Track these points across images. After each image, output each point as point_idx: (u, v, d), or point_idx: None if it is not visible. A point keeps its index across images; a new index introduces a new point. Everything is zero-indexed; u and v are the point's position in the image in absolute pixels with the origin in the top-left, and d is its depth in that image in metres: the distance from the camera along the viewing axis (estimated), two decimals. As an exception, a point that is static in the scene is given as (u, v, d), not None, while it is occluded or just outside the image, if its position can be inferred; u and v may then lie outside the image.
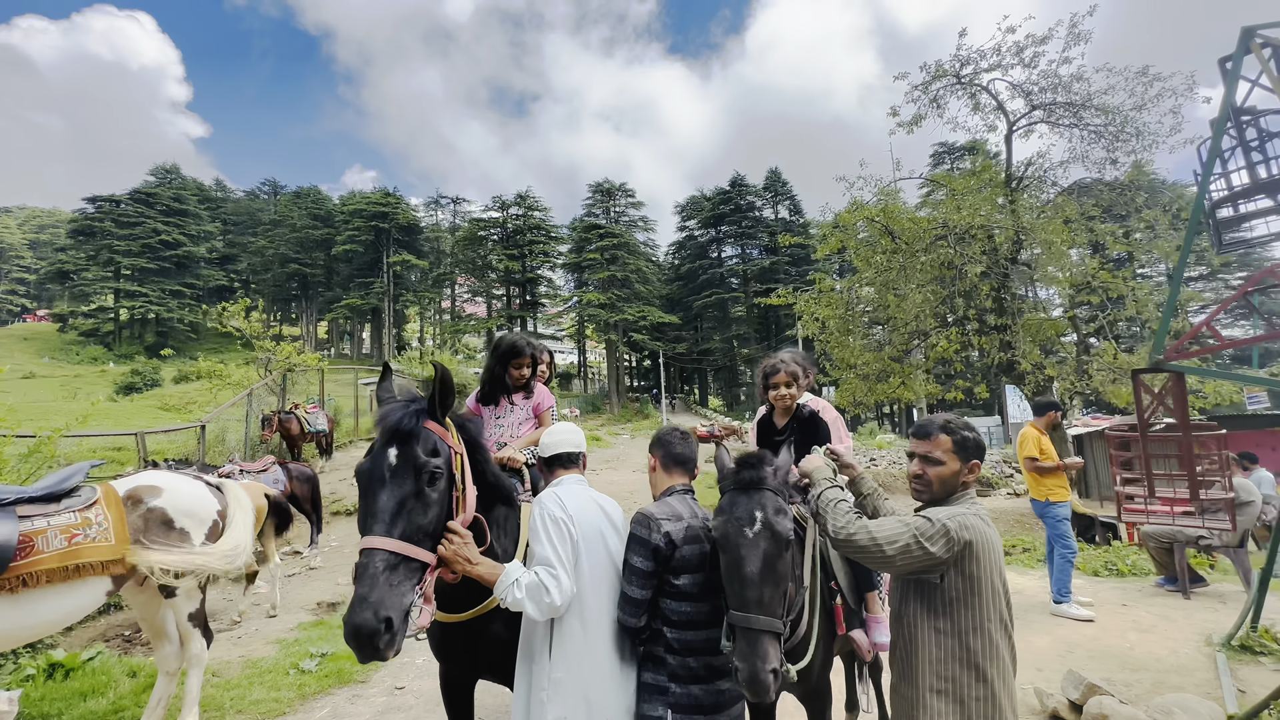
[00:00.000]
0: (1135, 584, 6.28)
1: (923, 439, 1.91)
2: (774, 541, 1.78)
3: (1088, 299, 13.33)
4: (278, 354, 16.28)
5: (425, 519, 1.74)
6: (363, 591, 1.56)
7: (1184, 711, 3.33)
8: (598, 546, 1.97)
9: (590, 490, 2.13)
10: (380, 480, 1.73)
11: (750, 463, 1.94)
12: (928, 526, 1.70)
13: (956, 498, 1.86)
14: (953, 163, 41.27)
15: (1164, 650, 4.44)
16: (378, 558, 1.61)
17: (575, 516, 1.94)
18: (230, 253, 61.90)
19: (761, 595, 1.73)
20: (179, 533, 3.44)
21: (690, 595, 1.92)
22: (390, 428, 1.80)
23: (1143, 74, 11.88)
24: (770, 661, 1.66)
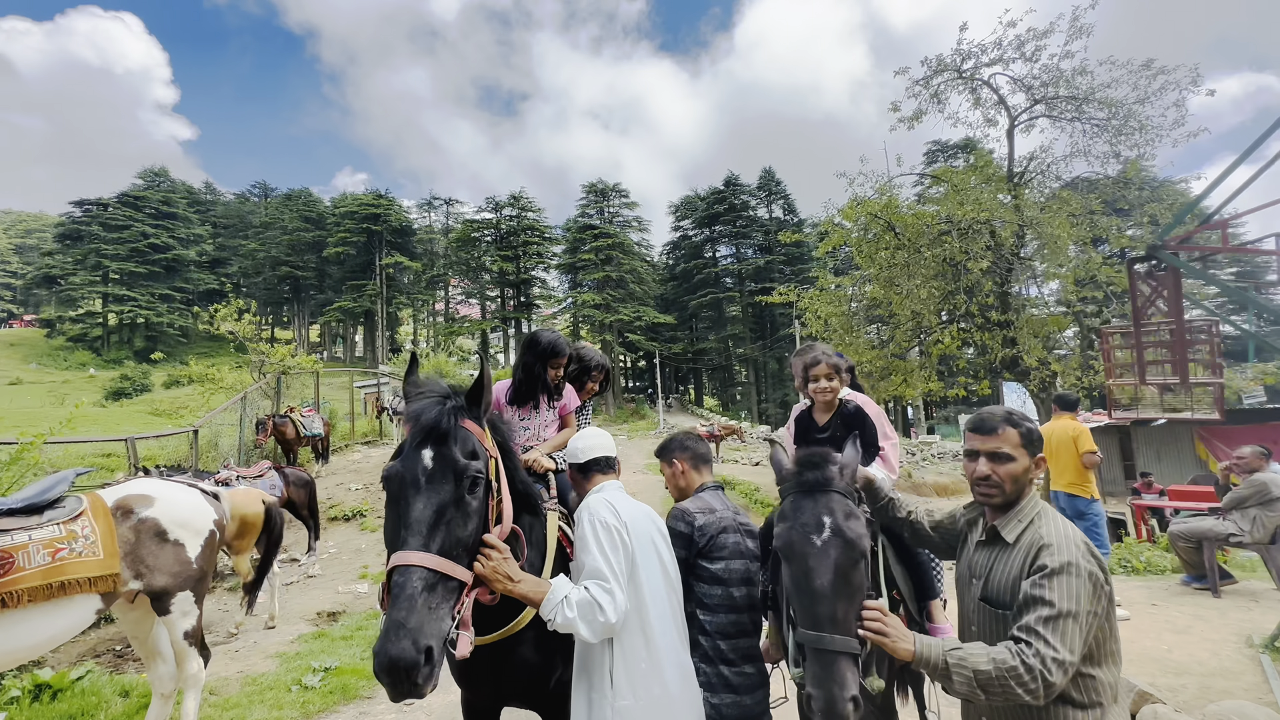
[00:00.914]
0: (1159, 582, 6.14)
1: (988, 434, 1.67)
2: (846, 550, 1.59)
3: (1091, 293, 13.26)
4: (272, 357, 15.97)
5: (465, 531, 1.53)
6: (399, 616, 1.34)
7: (1242, 719, 3.17)
8: (652, 557, 1.85)
9: (632, 497, 1.99)
10: (415, 485, 1.51)
11: (813, 462, 1.74)
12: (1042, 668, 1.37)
13: (1025, 498, 1.66)
14: (946, 160, 41.29)
15: (1204, 653, 4.29)
16: (415, 576, 1.39)
17: (629, 524, 1.81)
18: (221, 256, 61.25)
19: (835, 611, 1.53)
20: (173, 545, 3.22)
21: (722, 580, 1.99)
22: (426, 426, 1.58)
23: (1146, 67, 11.81)
24: (849, 687, 1.46)
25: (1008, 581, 1.57)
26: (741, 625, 2.01)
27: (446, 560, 1.46)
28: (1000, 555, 1.63)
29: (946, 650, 1.46)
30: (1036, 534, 1.55)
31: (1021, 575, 1.52)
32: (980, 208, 12.27)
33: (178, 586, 3.21)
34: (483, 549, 1.60)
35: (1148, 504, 9.90)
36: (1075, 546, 1.48)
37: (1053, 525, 1.56)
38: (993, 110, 13.73)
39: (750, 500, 14.97)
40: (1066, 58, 12.44)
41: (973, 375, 15.65)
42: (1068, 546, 1.48)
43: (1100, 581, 1.45)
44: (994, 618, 1.59)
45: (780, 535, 1.68)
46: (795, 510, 1.68)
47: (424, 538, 1.45)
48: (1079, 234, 12.65)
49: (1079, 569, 1.43)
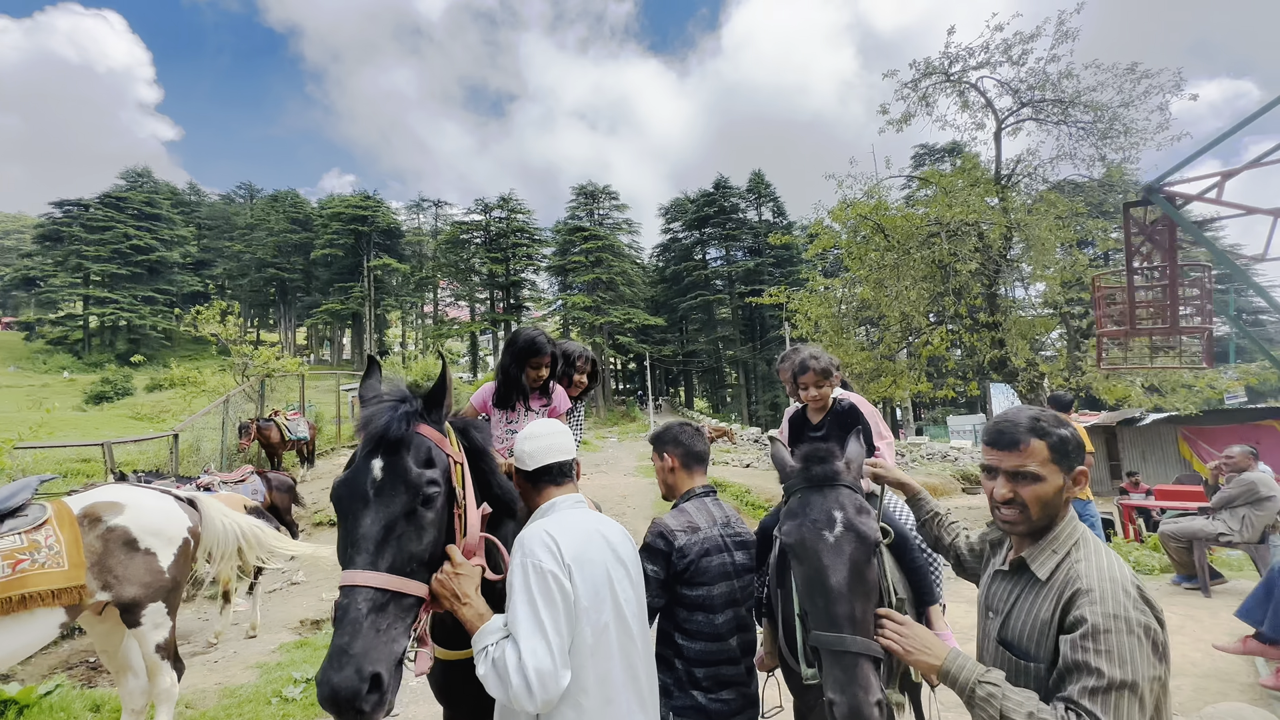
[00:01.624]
0: (1150, 582, 6.14)
1: (1009, 449, 1.36)
2: (860, 545, 1.51)
3: (1077, 295, 13.38)
4: (256, 360, 15.71)
5: (419, 545, 1.43)
6: (342, 641, 1.25)
7: (1239, 722, 3.13)
8: (605, 604, 1.48)
9: (591, 515, 1.63)
10: (363, 499, 1.41)
11: (820, 456, 1.66)
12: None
13: (1059, 521, 1.38)
14: (933, 163, 41.67)
15: (1198, 653, 4.28)
16: (361, 597, 1.30)
17: (576, 563, 1.44)
18: (205, 258, 60.42)
19: (853, 610, 1.45)
20: (144, 554, 3.09)
21: (703, 606, 1.88)
22: (375, 434, 1.45)
23: (1131, 71, 11.95)
24: (874, 691, 1.37)
25: (1034, 626, 1.32)
26: (723, 652, 1.89)
27: (397, 577, 1.37)
28: (1027, 591, 1.38)
29: (980, 677, 1.27)
30: (1074, 572, 1.28)
31: (1052, 621, 1.28)
32: (969, 210, 12.36)
33: (149, 597, 3.09)
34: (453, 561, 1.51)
35: (1136, 504, 9.96)
36: (1124, 593, 1.20)
37: (1093, 561, 1.28)
38: (980, 113, 13.87)
39: (741, 503, 14.91)
40: (1053, 61, 12.59)
41: (961, 376, 15.77)
42: (1114, 593, 1.19)
43: (1158, 636, 1.17)
44: (1015, 667, 1.35)
45: (790, 533, 1.59)
46: (804, 506, 1.60)
47: (372, 555, 1.35)
48: (1065, 236, 12.78)
49: (1131, 623, 1.15)
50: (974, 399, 38.19)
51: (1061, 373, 12.88)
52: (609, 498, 12.66)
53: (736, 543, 2.01)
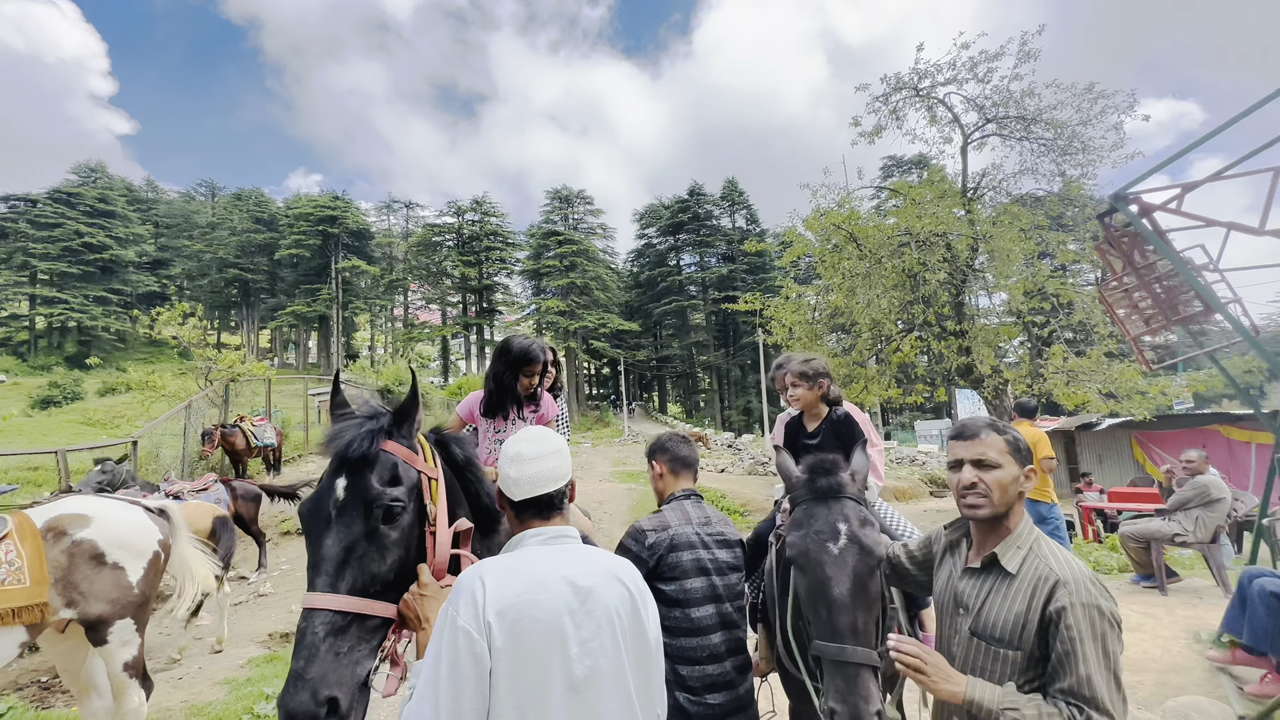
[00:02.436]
0: (1110, 581, 6.39)
1: (970, 439, 1.54)
2: (863, 557, 1.55)
3: (1039, 304, 13.89)
4: (219, 363, 15.19)
5: (383, 565, 1.40)
6: (298, 666, 1.25)
7: (1199, 715, 3.30)
8: (549, 666, 1.18)
9: (562, 557, 1.31)
10: (325, 520, 1.39)
11: (824, 468, 1.70)
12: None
13: (1017, 516, 1.52)
14: (901, 175, 42.82)
15: (1157, 649, 4.47)
16: (319, 620, 1.29)
17: (504, 620, 1.16)
18: (163, 257, 58.21)
19: (855, 621, 1.49)
20: (112, 569, 2.96)
21: (679, 602, 1.88)
22: (337, 452, 1.44)
23: (1089, 90, 12.50)
24: (874, 701, 1.41)
25: (1009, 617, 1.42)
26: (705, 649, 1.87)
27: (359, 599, 1.35)
28: (999, 585, 1.47)
29: (1002, 703, 1.33)
30: (1045, 566, 1.41)
31: (1029, 611, 1.39)
32: (937, 221, 12.74)
33: (116, 614, 2.96)
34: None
35: (1095, 505, 10.37)
36: (1092, 584, 1.37)
37: (1059, 557, 1.44)
38: (948, 128, 14.30)
39: (717, 507, 15.01)
40: (1016, 80, 13.07)
41: (929, 382, 16.18)
42: (1085, 585, 1.36)
43: (1120, 619, 1.36)
44: (990, 654, 1.45)
45: (794, 544, 1.63)
46: (809, 518, 1.63)
47: (331, 577, 1.34)
48: (1028, 248, 13.25)
49: (1103, 612, 1.32)
50: (941, 404, 39.24)
51: (1024, 379, 13.33)
52: (585, 504, 12.61)
53: (717, 541, 2.03)
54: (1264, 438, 13.52)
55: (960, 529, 1.68)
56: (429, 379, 46.51)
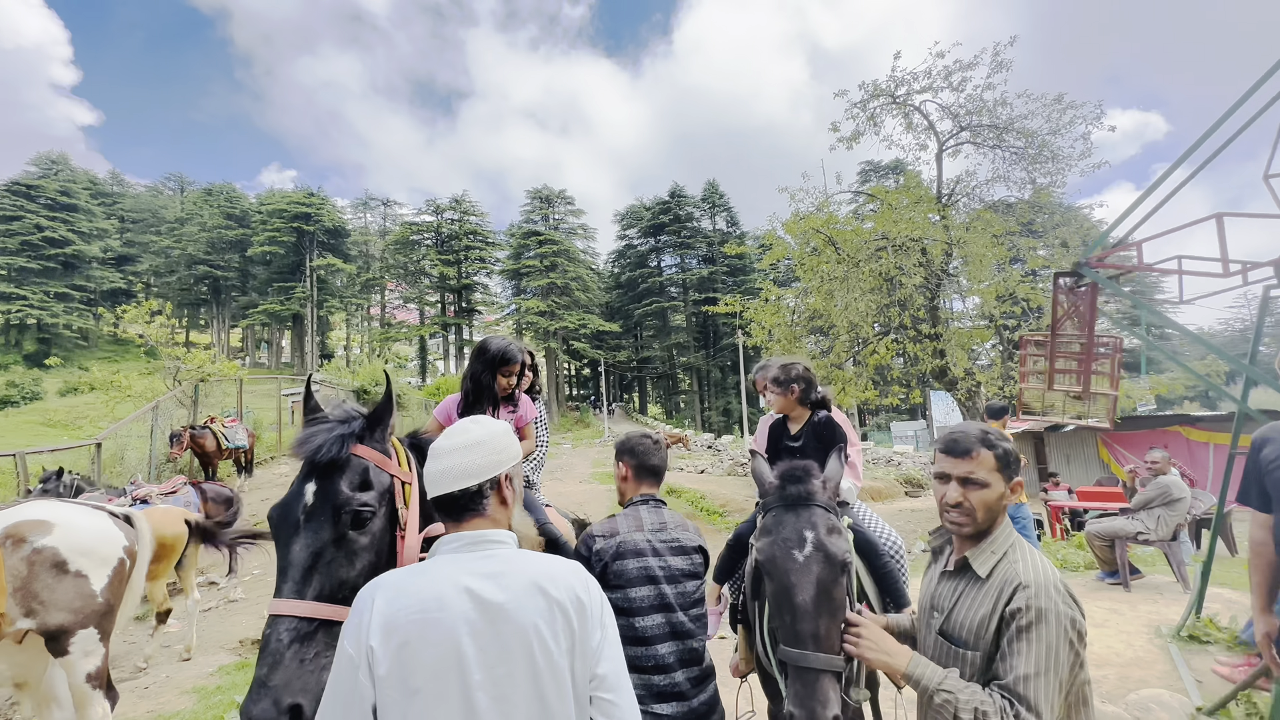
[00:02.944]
0: (1076, 579, 6.58)
1: (961, 456, 1.50)
2: (828, 566, 1.58)
3: (1010, 309, 14.25)
4: (188, 362, 14.79)
5: (351, 571, 1.39)
6: (261, 673, 1.25)
7: (1160, 707, 3.42)
8: (435, 694, 1.04)
9: (487, 561, 1.17)
10: (293, 526, 1.39)
11: (796, 475, 1.73)
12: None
13: (998, 525, 1.52)
14: (878, 180, 43.54)
15: (1120, 644, 4.62)
16: (284, 627, 1.29)
17: (389, 641, 1.05)
18: (129, 252, 56.42)
19: (817, 628, 1.52)
20: (74, 577, 2.87)
21: (623, 610, 1.85)
22: (307, 457, 1.44)
23: (1058, 101, 12.86)
24: (831, 706, 1.45)
25: (974, 619, 1.44)
26: (649, 659, 1.83)
27: (326, 605, 1.34)
28: (969, 589, 1.49)
29: (939, 685, 1.37)
30: (1012, 570, 1.41)
31: (992, 614, 1.40)
32: (913, 226, 12.99)
33: (79, 624, 2.87)
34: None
35: (1063, 504, 10.66)
36: (1055, 589, 1.36)
37: (1029, 561, 1.44)
38: (923, 135, 14.61)
39: (696, 508, 15.09)
40: (989, 89, 13.40)
41: (905, 384, 16.48)
42: (1047, 589, 1.35)
43: (1081, 627, 1.34)
44: (950, 654, 1.47)
45: (762, 550, 1.66)
46: (778, 525, 1.67)
47: (298, 584, 1.34)
48: (1000, 253, 13.58)
49: (1059, 615, 1.32)
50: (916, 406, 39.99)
51: (996, 382, 13.66)
52: (564, 506, 12.56)
53: (672, 548, 1.97)
54: (1221, 438, 14.04)
55: (943, 536, 1.71)
56: (407, 379, 45.82)
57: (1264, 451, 2.17)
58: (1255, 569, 2.20)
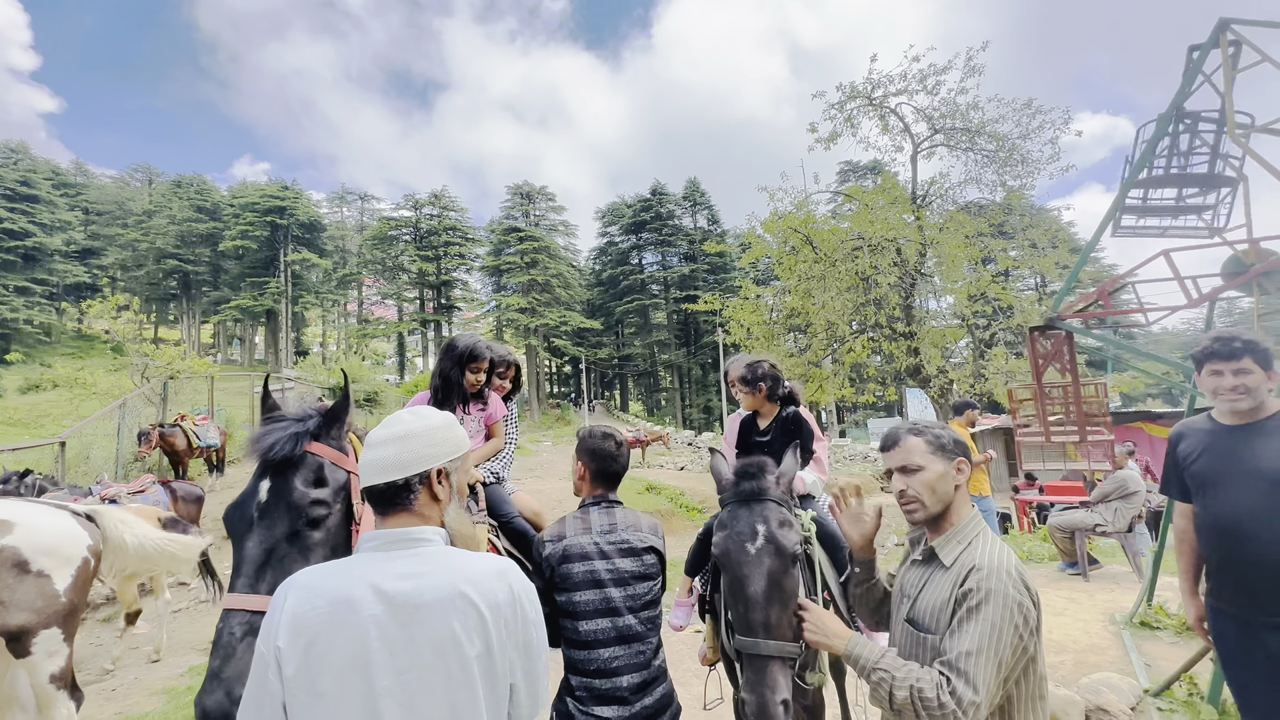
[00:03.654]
0: (1040, 569, 6.81)
1: (892, 448, 1.61)
2: (779, 558, 1.65)
3: (981, 308, 14.59)
4: (157, 359, 14.43)
5: (305, 566, 1.40)
6: (214, 666, 1.29)
7: (1110, 690, 3.57)
8: (336, 699, 1.01)
9: (405, 561, 1.13)
10: (247, 523, 1.43)
11: (750, 472, 1.80)
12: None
13: (959, 512, 1.56)
14: (857, 180, 44.12)
15: (1078, 631, 4.81)
16: (236, 621, 1.33)
17: (296, 642, 1.02)
18: (94, 245, 54.63)
19: (768, 617, 1.59)
20: (36, 577, 2.83)
21: (567, 613, 1.86)
22: (260, 455, 1.47)
23: (1027, 106, 13.19)
24: (780, 691, 1.52)
25: (935, 604, 1.49)
26: (591, 663, 1.81)
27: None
28: (934, 576, 1.56)
29: (875, 664, 1.42)
30: (972, 556, 1.47)
31: (950, 599, 1.45)
32: (888, 226, 13.23)
33: (41, 624, 2.83)
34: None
35: (1028, 499, 10.98)
36: (1006, 573, 1.40)
37: (988, 549, 1.48)
38: (899, 137, 14.85)
39: (676, 505, 15.19)
40: (962, 93, 13.69)
41: (881, 382, 16.77)
42: (998, 572, 1.40)
43: (1029, 613, 1.37)
44: (915, 640, 1.52)
45: (718, 544, 1.73)
46: (732, 519, 1.74)
47: (252, 579, 1.38)
48: (972, 254, 13.90)
49: (1007, 598, 1.36)
50: (892, 403, 40.65)
51: (968, 379, 13.99)
52: (544, 504, 12.55)
53: (621, 550, 1.91)
54: (1180, 434, 14.55)
55: (918, 529, 1.74)
56: (385, 376, 45.29)
57: (1180, 446, 2.28)
58: (1180, 556, 2.33)
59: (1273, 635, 1.97)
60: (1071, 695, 3.51)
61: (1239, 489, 2.05)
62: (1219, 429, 2.16)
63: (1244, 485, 2.03)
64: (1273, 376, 2.05)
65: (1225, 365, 2.07)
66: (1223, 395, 2.09)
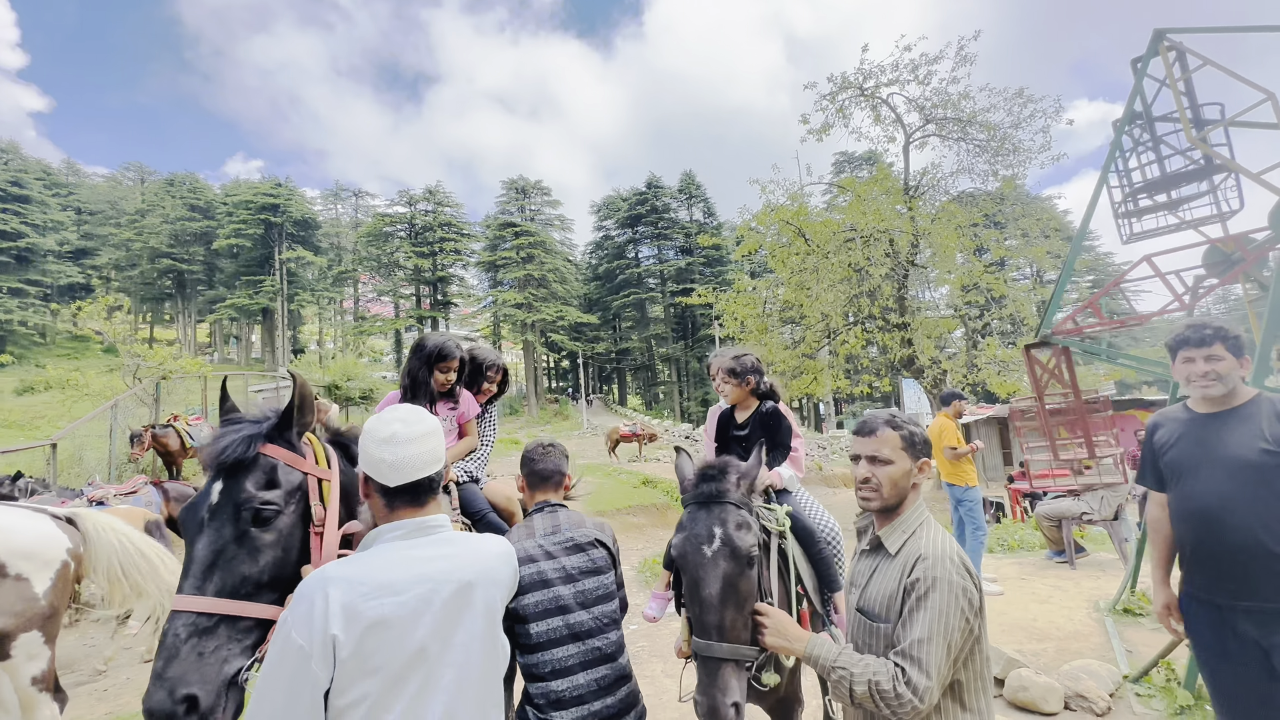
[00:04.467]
0: (1030, 558, 6.86)
1: (867, 436, 1.63)
2: (734, 560, 1.65)
3: (974, 299, 14.61)
4: (149, 359, 14.39)
5: (254, 567, 1.43)
6: (157, 666, 1.30)
7: (1089, 676, 3.60)
8: (409, 673, 1.15)
9: (435, 545, 1.29)
10: (197, 525, 1.43)
11: (710, 474, 1.80)
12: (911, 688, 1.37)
13: (909, 505, 1.62)
14: (853, 171, 44.02)
15: (1062, 618, 4.84)
16: (181, 622, 1.33)
17: (352, 628, 1.11)
18: (87, 246, 54.34)
19: (722, 620, 1.60)
20: (14, 581, 2.83)
21: (518, 617, 1.81)
22: (211, 459, 1.47)
23: (1019, 95, 13.16)
24: (731, 694, 1.52)
25: (885, 593, 1.54)
26: (545, 665, 1.79)
27: (226, 600, 1.37)
28: (882, 565, 1.59)
29: (833, 663, 1.46)
30: (917, 545, 1.52)
31: (899, 588, 1.49)
32: (880, 217, 13.21)
33: (21, 627, 2.83)
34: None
35: (1019, 488, 11.02)
36: (950, 560, 1.45)
37: (932, 537, 1.53)
38: (891, 127, 14.82)
39: (672, 498, 15.25)
40: (954, 83, 13.65)
41: (875, 373, 16.81)
42: (942, 560, 1.45)
43: (973, 597, 1.43)
44: (868, 629, 1.55)
45: (676, 546, 1.73)
46: (691, 521, 1.74)
47: (198, 580, 1.38)
48: (965, 244, 13.90)
49: (952, 584, 1.41)
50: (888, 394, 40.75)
51: (961, 370, 14.02)
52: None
53: (566, 548, 1.91)
54: (1172, 421, 14.62)
55: (867, 517, 1.79)
56: (381, 373, 45.17)
57: (1156, 435, 2.29)
58: (1153, 545, 2.34)
59: (1242, 620, 1.99)
60: (1051, 682, 3.54)
61: (1210, 476, 2.06)
62: (1194, 417, 2.17)
63: (1215, 472, 2.05)
64: (1245, 364, 2.06)
65: (1197, 352, 2.08)
66: (1195, 381, 2.10)
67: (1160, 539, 2.29)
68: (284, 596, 1.47)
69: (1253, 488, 1.97)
